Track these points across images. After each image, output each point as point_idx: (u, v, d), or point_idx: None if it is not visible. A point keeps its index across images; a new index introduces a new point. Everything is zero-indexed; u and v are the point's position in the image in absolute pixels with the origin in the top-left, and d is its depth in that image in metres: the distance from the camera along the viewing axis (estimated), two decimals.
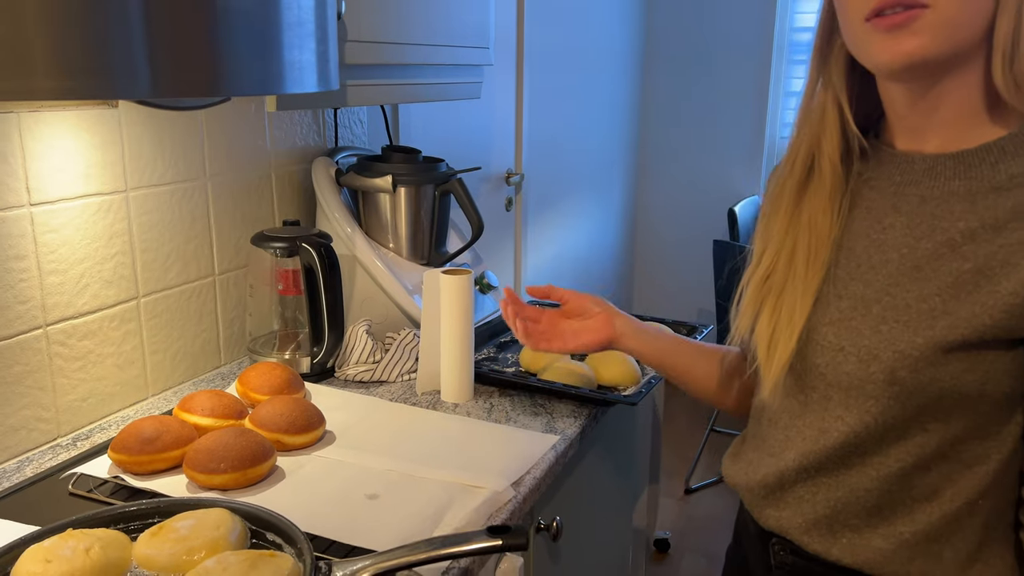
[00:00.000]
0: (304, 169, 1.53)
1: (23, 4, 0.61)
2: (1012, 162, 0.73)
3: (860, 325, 0.77)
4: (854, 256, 0.80)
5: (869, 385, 0.75)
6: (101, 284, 1.15)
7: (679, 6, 3.54)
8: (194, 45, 0.71)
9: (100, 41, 0.65)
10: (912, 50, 0.70)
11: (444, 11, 1.37)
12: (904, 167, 0.79)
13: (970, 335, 0.71)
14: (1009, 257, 0.70)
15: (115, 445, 1.00)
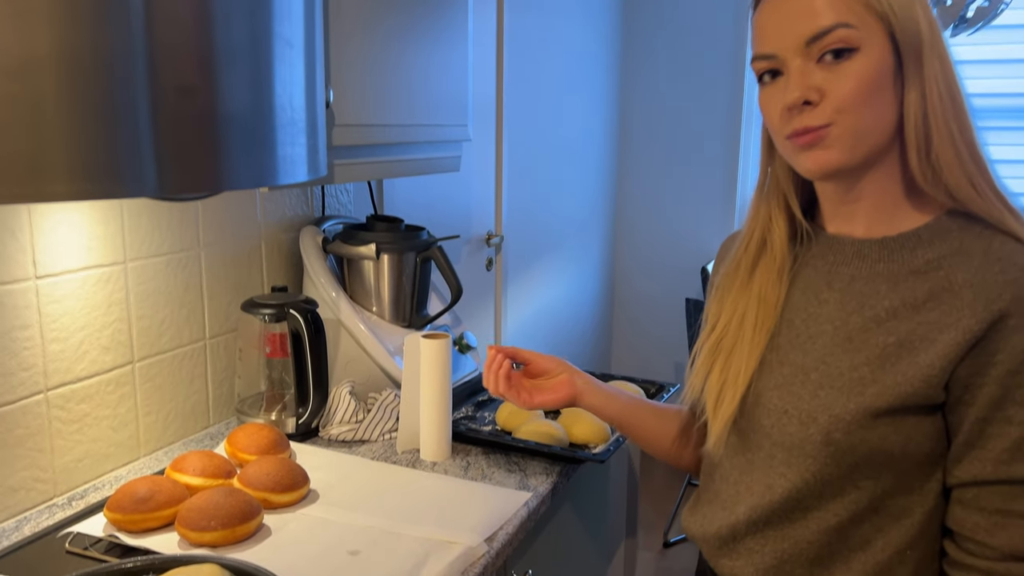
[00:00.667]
0: (292, 237, 1.61)
1: (42, 116, 0.67)
2: (928, 249, 0.82)
3: (800, 390, 0.85)
4: (794, 327, 0.89)
5: (808, 445, 0.83)
6: (99, 350, 1.22)
7: (654, 75, 3.71)
8: (197, 148, 0.79)
9: (112, 148, 0.72)
10: (828, 161, 0.80)
11: (425, 92, 1.47)
12: (836, 248, 0.89)
13: (895, 402, 0.79)
14: (927, 333, 0.79)
15: (110, 504, 1.06)
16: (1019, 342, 0.75)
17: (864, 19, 0.77)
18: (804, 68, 0.79)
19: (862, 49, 0.77)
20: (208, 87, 0.78)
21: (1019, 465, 0.76)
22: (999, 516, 0.77)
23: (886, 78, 0.78)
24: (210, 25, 0.78)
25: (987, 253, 0.80)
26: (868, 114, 0.78)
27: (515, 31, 2.59)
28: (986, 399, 0.77)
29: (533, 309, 2.95)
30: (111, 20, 0.69)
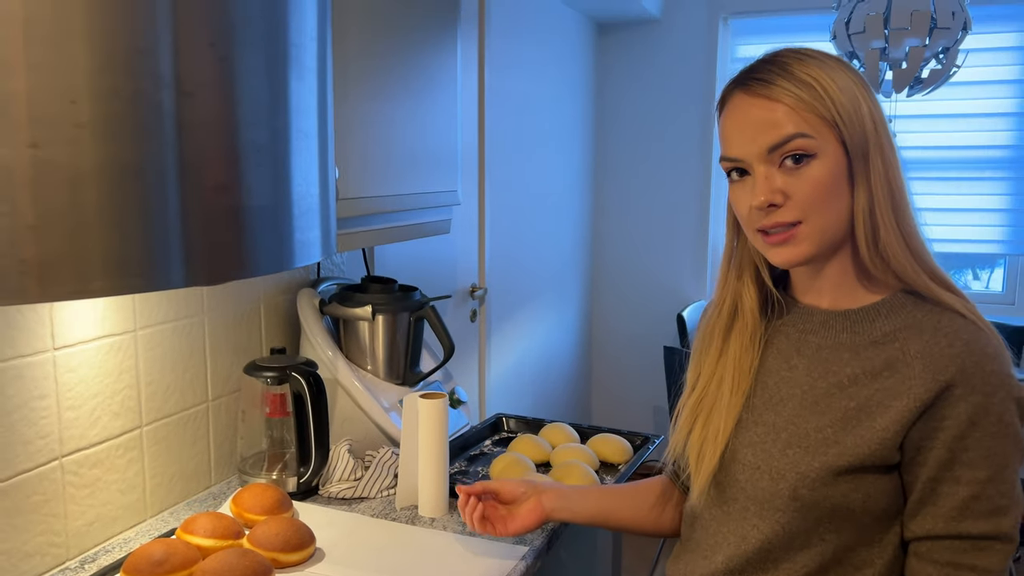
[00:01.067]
0: (289, 299, 1.68)
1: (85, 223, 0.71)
2: (884, 322, 0.91)
3: (771, 448, 0.93)
4: (767, 389, 0.97)
5: (778, 500, 0.91)
6: (110, 416, 1.27)
7: (626, 131, 3.85)
8: (223, 243, 0.84)
9: (146, 247, 0.76)
10: (796, 255, 0.89)
11: (418, 163, 1.55)
12: (805, 318, 0.97)
13: (854, 461, 0.87)
14: (883, 399, 0.88)
15: (127, 567, 1.10)
16: (964, 410, 0.84)
17: (818, 128, 0.86)
18: (768, 172, 0.88)
19: (819, 155, 0.86)
20: (234, 186, 0.85)
21: (967, 522, 0.84)
22: (950, 568, 0.85)
23: (841, 179, 0.88)
24: (235, 128, 0.85)
25: (936, 328, 0.88)
26: (829, 212, 0.88)
27: (496, 90, 2.70)
28: (936, 461, 0.85)
29: (515, 358, 3.02)
30: (147, 133, 0.75)
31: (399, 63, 1.46)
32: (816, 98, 0.86)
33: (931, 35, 2.47)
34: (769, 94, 0.88)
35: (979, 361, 0.85)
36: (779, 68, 0.89)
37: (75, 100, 0.67)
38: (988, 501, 0.84)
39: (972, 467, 0.84)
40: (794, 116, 0.87)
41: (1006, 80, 3.38)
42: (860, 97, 0.89)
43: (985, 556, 0.84)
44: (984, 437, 0.84)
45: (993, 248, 3.48)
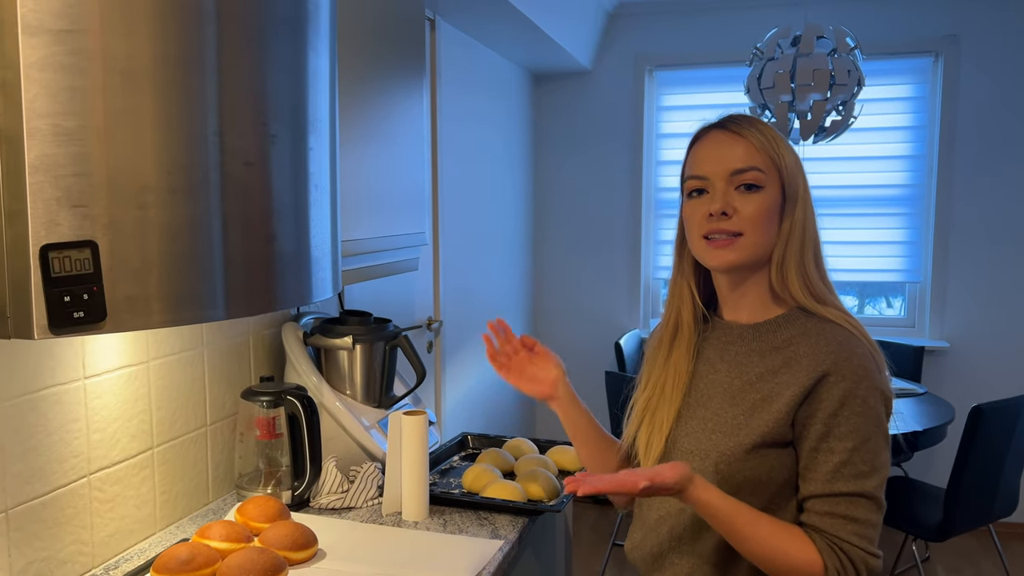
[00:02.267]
0: (273, 332, 1.85)
1: (153, 265, 0.89)
2: (783, 332, 1.16)
3: (700, 435, 1.17)
4: (699, 390, 1.21)
5: (705, 475, 1.13)
6: (128, 438, 1.42)
7: (563, 171, 4.13)
8: (259, 282, 1.03)
9: (198, 287, 0.94)
10: (731, 259, 1.14)
11: (393, 208, 1.76)
12: (727, 331, 1.22)
13: (757, 439, 1.11)
14: (779, 391, 1.12)
15: (157, 567, 1.25)
16: (836, 393, 1.08)
17: (769, 169, 1.14)
18: (726, 190, 1.14)
19: (765, 188, 1.13)
20: (273, 236, 1.05)
21: (839, 483, 1.08)
22: (827, 517, 1.09)
23: (775, 212, 1.14)
24: (276, 189, 1.05)
25: (820, 334, 1.13)
26: (762, 234, 1.14)
27: (446, 137, 2.93)
28: (815, 434, 1.09)
29: (468, 385, 3.21)
30: (217, 195, 0.94)
31: (373, 116, 1.67)
32: (773, 147, 1.15)
33: (831, 90, 2.81)
34: (740, 132, 1.16)
35: (849, 356, 1.10)
36: (748, 120, 1.18)
37: (171, 172, 0.86)
38: (854, 467, 1.08)
39: (841, 439, 1.08)
40: (755, 154, 1.14)
41: (900, 127, 3.79)
42: (799, 163, 1.18)
43: (854, 508, 1.08)
44: (851, 415, 1.08)
45: (894, 276, 3.86)
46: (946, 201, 3.72)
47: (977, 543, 3.67)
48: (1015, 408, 2.62)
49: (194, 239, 0.92)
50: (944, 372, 3.78)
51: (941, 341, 3.77)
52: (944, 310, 3.79)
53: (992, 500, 2.72)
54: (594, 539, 3.71)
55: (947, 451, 3.62)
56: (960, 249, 3.74)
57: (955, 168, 3.70)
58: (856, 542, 1.07)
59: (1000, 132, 3.65)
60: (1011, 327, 3.72)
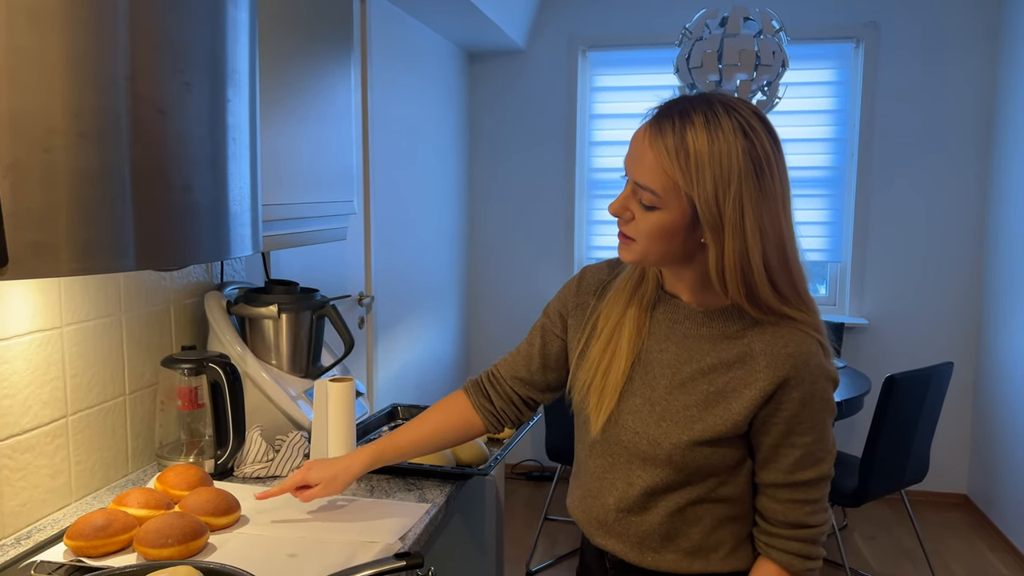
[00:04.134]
0: (196, 302, 1.81)
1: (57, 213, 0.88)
2: (736, 322, 1.14)
3: (648, 419, 1.15)
4: (644, 366, 1.18)
5: (657, 460, 1.15)
6: (40, 405, 1.38)
7: (497, 150, 4.13)
8: (172, 233, 1.00)
9: (110, 235, 0.91)
10: (627, 257, 1.12)
11: (318, 173, 1.73)
12: (675, 310, 1.18)
13: (713, 436, 1.12)
14: (736, 387, 1.12)
15: (70, 533, 1.22)
16: (796, 396, 1.10)
17: (670, 192, 1.03)
18: (628, 193, 1.09)
19: (661, 209, 1.06)
20: (188, 187, 1.02)
21: (799, 472, 1.13)
22: (789, 503, 1.14)
23: (678, 230, 1.05)
24: (192, 138, 1.02)
25: (776, 332, 1.11)
26: (657, 247, 1.08)
27: (377, 112, 2.89)
28: (777, 432, 1.12)
29: (401, 362, 3.20)
30: (127, 141, 0.91)
31: (299, 85, 1.65)
32: (682, 171, 1.02)
33: (756, 71, 2.88)
34: (655, 139, 1.04)
35: (807, 360, 1.10)
36: (679, 125, 1.02)
37: (77, 114, 0.84)
38: (812, 456, 1.13)
39: (803, 435, 1.12)
40: (658, 172, 1.03)
41: (823, 110, 3.90)
42: (736, 180, 1.01)
43: (812, 491, 1.14)
44: (812, 413, 1.11)
45: (817, 256, 3.99)
46: (865, 184, 3.86)
47: (891, 511, 3.84)
48: (926, 378, 2.74)
49: (104, 185, 0.89)
50: (863, 348, 3.93)
51: (860, 318, 3.92)
52: (863, 289, 3.93)
53: (904, 466, 2.84)
54: (527, 514, 3.75)
55: (864, 422, 3.77)
56: (878, 230, 3.89)
57: (874, 152, 3.84)
58: (812, 521, 1.14)
59: (917, 117, 3.79)
60: (925, 304, 3.88)
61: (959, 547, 3.48)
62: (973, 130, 3.75)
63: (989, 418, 3.68)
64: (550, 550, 3.39)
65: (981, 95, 3.72)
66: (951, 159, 3.78)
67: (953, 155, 3.78)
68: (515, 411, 1.37)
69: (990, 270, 3.70)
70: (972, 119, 3.74)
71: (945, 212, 3.82)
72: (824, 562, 3.28)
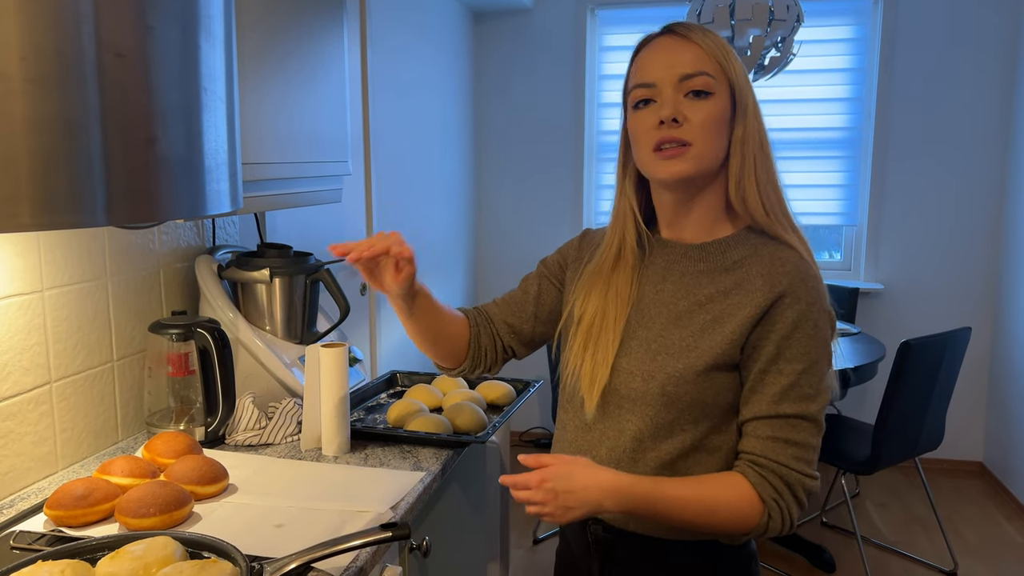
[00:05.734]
0: (187, 266, 1.76)
1: (17, 165, 0.83)
2: (733, 252, 1.12)
3: (643, 356, 1.12)
4: (640, 310, 1.16)
5: (648, 396, 1.10)
6: (21, 371, 1.33)
7: (504, 111, 4.03)
8: (142, 186, 0.94)
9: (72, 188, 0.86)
10: (682, 171, 1.08)
11: (310, 133, 1.67)
12: (670, 251, 1.16)
13: (709, 361, 1.07)
14: (732, 312, 1.08)
15: (51, 503, 1.18)
16: (791, 315, 1.06)
17: (719, 74, 1.08)
18: (675, 97, 1.07)
19: (715, 95, 1.08)
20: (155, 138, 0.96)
21: (784, 404, 1.06)
22: (770, 441, 1.07)
23: (725, 120, 1.09)
24: (157, 87, 0.96)
25: (773, 256, 1.10)
26: (712, 143, 1.08)
27: (378, 73, 2.81)
28: (766, 356, 1.06)
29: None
30: (85, 88, 0.85)
31: (290, 43, 1.58)
32: (722, 52, 1.09)
33: (770, 26, 2.77)
34: (690, 36, 1.10)
35: (804, 279, 1.08)
36: (696, 26, 1.12)
37: (25, 57, 0.77)
38: (799, 389, 1.06)
39: (791, 361, 1.06)
40: (705, 58, 1.08)
41: (839, 68, 3.78)
42: (747, 77, 1.13)
43: (796, 432, 1.06)
44: (803, 338, 1.06)
45: (832, 220, 3.89)
46: (882, 145, 3.75)
47: (904, 478, 3.79)
48: (942, 344, 2.67)
49: (65, 136, 0.83)
50: (878, 313, 3.85)
51: (876, 283, 3.83)
52: (879, 253, 3.84)
53: (918, 433, 2.78)
54: None
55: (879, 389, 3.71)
56: (895, 193, 3.78)
57: (892, 112, 3.72)
58: (794, 465, 1.06)
59: (937, 76, 3.67)
60: (943, 269, 3.79)
61: (973, 515, 3.43)
62: (996, 90, 3.62)
63: (1006, 385, 3.61)
64: None
65: (1005, 53, 3.59)
66: (972, 120, 3.66)
67: (975, 116, 3.66)
68: (494, 355, 1.34)
69: (1010, 233, 3.60)
70: (995, 79, 3.62)
71: (965, 174, 3.70)
72: (835, 529, 3.24)
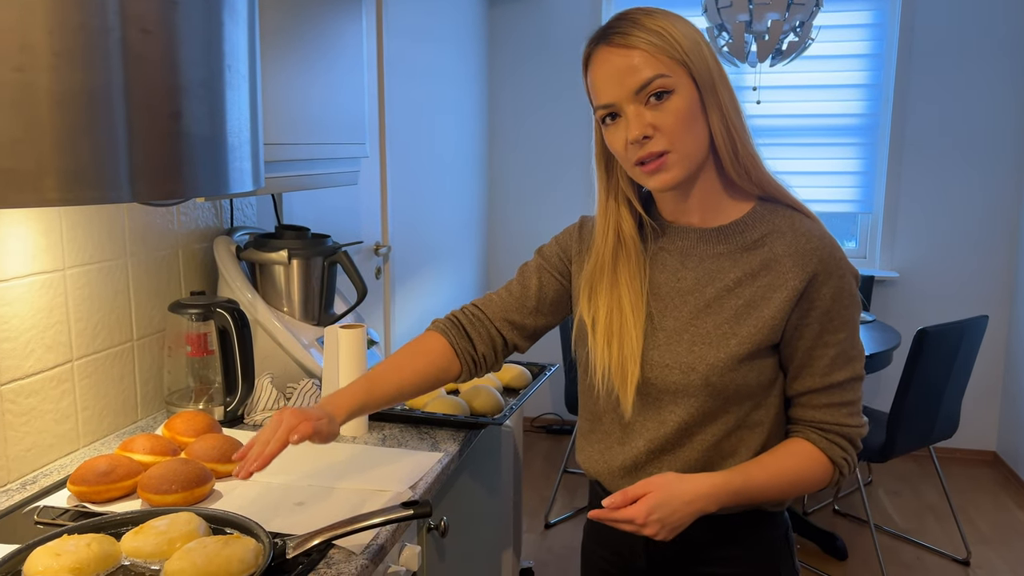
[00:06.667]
0: (206, 247, 1.76)
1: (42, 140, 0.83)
2: (752, 231, 1.10)
3: (677, 348, 1.10)
4: (660, 301, 1.13)
5: (691, 388, 1.09)
6: (44, 349, 1.34)
7: (517, 96, 4.02)
8: (166, 164, 0.94)
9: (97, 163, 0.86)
10: (670, 180, 1.05)
11: (328, 115, 1.67)
12: (683, 236, 1.14)
13: (752, 347, 1.07)
14: (765, 294, 1.07)
15: (74, 479, 1.19)
16: (827, 292, 1.06)
17: (672, 68, 1.03)
18: (637, 111, 1.03)
19: (676, 91, 1.03)
20: (179, 115, 0.96)
21: (835, 373, 1.09)
22: (826, 408, 1.10)
23: (696, 108, 1.05)
24: (182, 63, 0.96)
25: (795, 231, 1.09)
26: (691, 138, 1.05)
27: (393, 56, 2.81)
28: (811, 333, 1.07)
29: (419, 312, 3.16)
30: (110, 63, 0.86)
31: (309, 25, 1.57)
32: (666, 43, 1.03)
33: (789, 10, 2.75)
34: (627, 43, 1.03)
35: (831, 252, 1.08)
36: (631, 22, 1.04)
37: (51, 31, 0.77)
38: (846, 355, 1.09)
39: (835, 332, 1.08)
40: (651, 60, 1.02)
41: (857, 54, 3.74)
42: (700, 41, 1.06)
43: (846, 392, 1.10)
44: (842, 309, 1.08)
45: (848, 207, 3.87)
46: (899, 132, 3.71)
47: (918, 466, 3.78)
48: (958, 332, 2.65)
49: (88, 109, 0.83)
50: (893, 301, 3.83)
51: (891, 271, 3.81)
52: (895, 240, 3.81)
53: (933, 422, 2.77)
54: (546, 468, 3.73)
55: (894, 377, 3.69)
56: (912, 180, 3.75)
57: (910, 99, 3.68)
58: (851, 422, 1.11)
59: (956, 63, 3.63)
60: (959, 257, 3.76)
61: (986, 504, 3.42)
62: (1017, 78, 3.58)
63: (1022, 374, 3.58)
64: (569, 503, 3.37)
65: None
66: (991, 107, 3.62)
67: (994, 103, 3.62)
68: (493, 357, 1.26)
69: None
70: (1016, 67, 3.57)
71: (983, 161, 3.67)
72: (847, 517, 3.24)
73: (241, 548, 0.97)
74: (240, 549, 0.96)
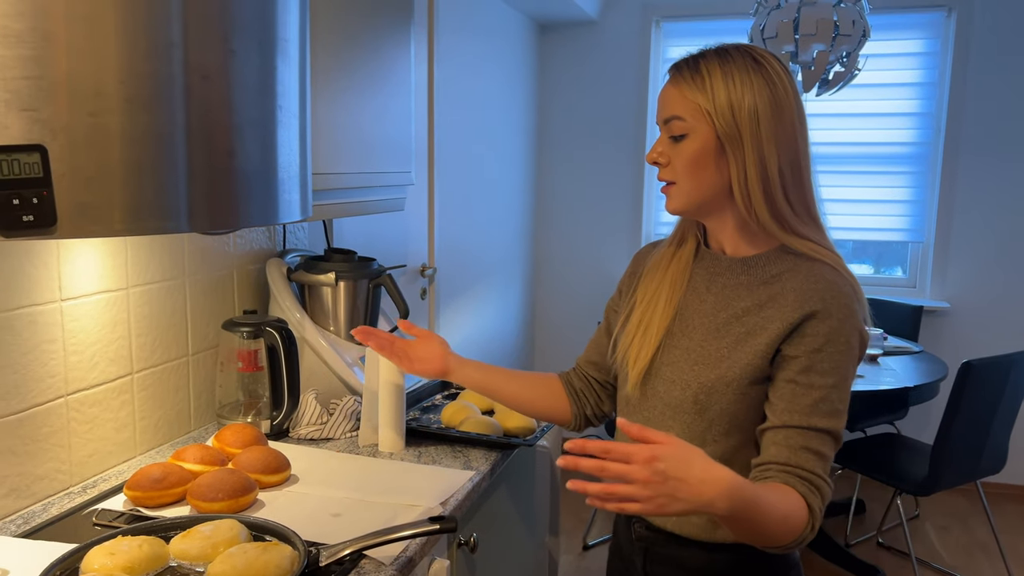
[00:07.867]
0: (259, 268, 1.86)
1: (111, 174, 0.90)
2: (771, 267, 1.15)
3: (683, 365, 1.16)
4: (684, 318, 1.20)
5: (684, 404, 1.14)
6: (107, 362, 1.45)
7: (566, 123, 4.09)
8: (221, 197, 1.03)
9: (160, 197, 0.94)
10: (672, 207, 1.15)
11: (375, 144, 1.75)
12: (715, 262, 1.20)
13: (740, 372, 1.11)
14: (764, 324, 1.12)
15: (130, 484, 1.28)
16: (823, 330, 1.08)
17: (694, 114, 1.10)
18: (662, 138, 1.14)
19: (690, 135, 1.10)
20: (235, 152, 1.05)
21: (815, 418, 1.08)
22: (799, 449, 1.08)
23: (707, 157, 1.10)
24: (238, 105, 1.05)
25: (810, 271, 1.13)
26: (694, 181, 1.12)
27: (444, 84, 2.90)
28: (797, 367, 1.09)
29: (463, 335, 3.23)
30: (175, 106, 0.94)
31: (359, 58, 1.66)
32: (701, 91, 1.10)
33: (835, 41, 2.76)
34: (679, 76, 1.13)
35: (836, 296, 1.09)
36: (693, 63, 1.12)
37: (123, 80, 0.87)
38: (830, 404, 1.09)
39: (823, 375, 1.08)
40: (680, 101, 1.11)
41: (906, 83, 3.72)
42: (749, 95, 1.08)
43: (823, 445, 1.09)
44: (835, 353, 1.08)
45: (897, 236, 3.83)
46: (952, 161, 3.67)
47: (967, 502, 3.69)
48: (1006, 365, 2.61)
49: (153, 149, 0.92)
50: (943, 332, 3.77)
51: (942, 301, 3.75)
52: (946, 271, 3.76)
53: (979, 456, 2.73)
54: None
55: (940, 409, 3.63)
56: (964, 210, 3.70)
57: (963, 127, 3.64)
58: (825, 477, 1.08)
59: (1011, 92, 3.58)
60: (1011, 289, 3.69)
61: None
62: None
63: None
64: (608, 525, 3.39)
65: None
66: None
67: None
68: (595, 396, 1.37)
69: None
70: None
71: None
72: (890, 551, 3.18)
73: (278, 555, 1.04)
74: (277, 556, 1.03)
